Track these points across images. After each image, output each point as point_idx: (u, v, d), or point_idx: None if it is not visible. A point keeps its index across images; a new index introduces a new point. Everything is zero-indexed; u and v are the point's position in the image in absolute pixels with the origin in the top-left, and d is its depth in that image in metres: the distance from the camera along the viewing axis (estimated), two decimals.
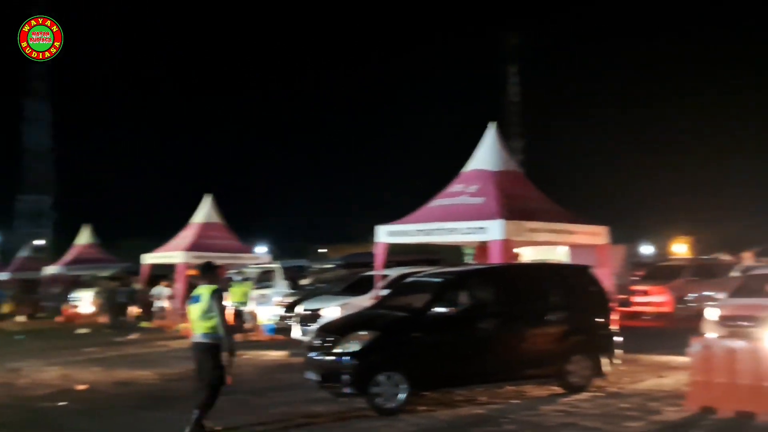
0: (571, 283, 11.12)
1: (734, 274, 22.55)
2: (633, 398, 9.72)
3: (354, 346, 9.03)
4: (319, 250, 54.57)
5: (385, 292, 13.84)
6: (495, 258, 13.22)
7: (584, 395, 9.93)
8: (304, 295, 18.61)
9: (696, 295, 20.97)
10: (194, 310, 8.15)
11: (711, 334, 12.47)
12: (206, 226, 24.36)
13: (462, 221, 13.92)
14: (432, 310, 9.59)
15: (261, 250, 29.88)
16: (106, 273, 27.20)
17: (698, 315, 14.57)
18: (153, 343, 18.08)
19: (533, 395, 10.11)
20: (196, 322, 8.13)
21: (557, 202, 15.61)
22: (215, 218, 24.89)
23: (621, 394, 10.03)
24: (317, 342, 9.64)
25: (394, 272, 15.73)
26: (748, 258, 28.84)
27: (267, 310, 18.85)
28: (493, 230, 13.26)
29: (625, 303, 20.38)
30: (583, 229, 14.90)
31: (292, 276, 23.29)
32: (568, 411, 9.04)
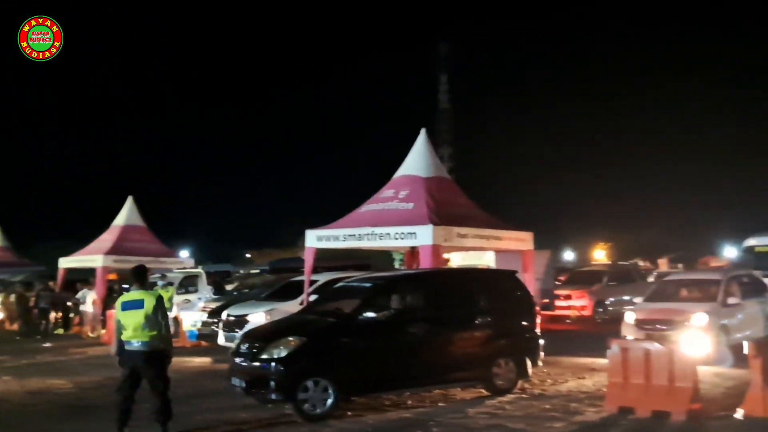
0: (497, 287, 11.33)
1: (650, 279, 23.54)
2: (555, 399, 9.96)
3: (281, 352, 8.92)
4: (246, 255, 53.81)
5: (314, 297, 13.76)
6: (424, 263, 13.34)
7: (509, 397, 10.11)
8: (229, 300, 18.27)
9: (614, 299, 21.75)
10: (134, 317, 7.85)
11: (629, 336, 13.04)
12: (128, 229, 23.62)
13: (392, 226, 13.99)
14: (361, 315, 9.59)
15: (184, 254, 29.12)
16: (18, 278, 26.01)
17: (617, 318, 15.16)
18: (69, 351, 17.36)
19: (460, 398, 10.23)
20: (137, 330, 7.85)
21: (485, 208, 15.91)
22: (137, 221, 24.16)
23: (544, 396, 10.26)
24: (243, 348, 9.47)
25: (322, 277, 15.64)
26: (663, 264, 30.17)
27: (190, 315, 18.41)
28: (423, 235, 13.38)
29: (549, 307, 20.94)
30: (510, 235, 15.23)
31: (217, 281, 22.87)
32: (493, 413, 9.18)
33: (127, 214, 24.03)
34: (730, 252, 28.82)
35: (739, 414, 8.49)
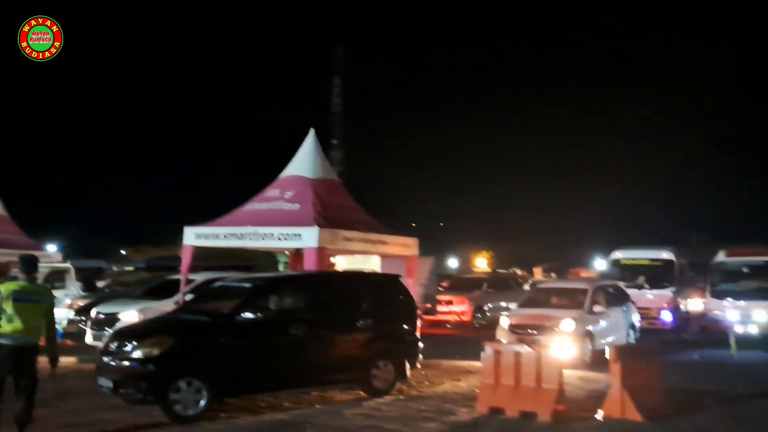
0: (381, 291, 11.43)
1: (526, 287, 24.59)
2: (430, 401, 10.17)
3: (153, 351, 8.60)
4: (121, 252, 51.54)
5: (190, 296, 13.35)
6: (309, 265, 13.22)
7: (386, 398, 10.22)
8: (99, 297, 17.42)
9: (492, 305, 22.53)
10: (33, 310, 7.38)
11: (503, 340, 13.70)
12: None
13: (276, 227, 13.76)
14: (239, 315, 9.39)
15: (52, 248, 27.28)
16: None
17: (495, 323, 15.70)
18: None
19: (337, 399, 10.24)
20: (31, 323, 7.35)
21: (372, 213, 16.00)
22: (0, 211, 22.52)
23: (420, 397, 10.45)
24: (113, 346, 9.05)
25: (200, 277, 15.22)
26: (538, 273, 31.57)
27: (56, 312, 17.34)
28: (308, 237, 13.25)
29: (431, 312, 21.40)
30: (395, 241, 15.38)
31: (88, 277, 21.73)
32: (369, 414, 9.25)
33: None
34: (599, 264, 30.54)
35: (599, 415, 8.98)
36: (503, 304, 21.32)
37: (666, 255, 20.61)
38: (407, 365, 10.91)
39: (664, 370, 9.79)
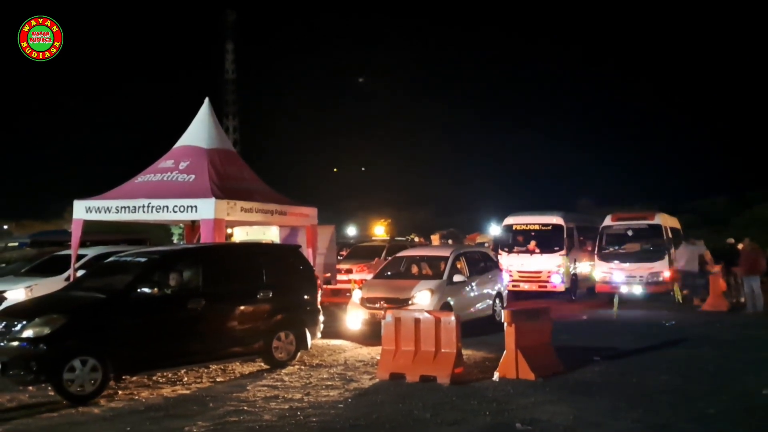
0: (280, 262, 11.37)
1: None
2: (332, 369, 10.30)
3: (44, 330, 8.23)
4: (2, 227, 48.54)
5: (82, 272, 12.81)
6: (206, 237, 12.96)
7: (289, 369, 10.27)
8: None
9: None
10: None
11: (353, 314, 13.13)
12: None
13: (171, 198, 13.37)
14: (134, 291, 9.11)
15: None
16: None
17: None
18: None
19: (239, 372, 10.19)
20: None
21: (269, 183, 15.82)
22: None
23: (322, 366, 10.57)
24: (0, 327, 8.59)
25: (92, 252, 14.62)
26: (435, 239, 32.24)
27: None
28: (205, 209, 12.95)
29: (330, 281, 21.48)
30: (294, 210, 15.29)
31: None
32: (272, 385, 9.26)
33: None
34: (494, 230, 31.56)
35: (495, 377, 9.37)
36: None
37: (556, 219, 20.98)
38: (308, 335, 10.98)
39: (555, 330, 10.31)
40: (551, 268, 20.06)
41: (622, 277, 19.62)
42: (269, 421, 7.47)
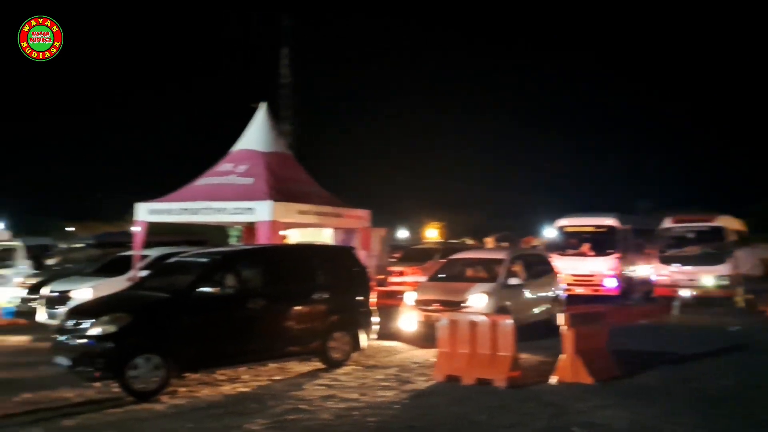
0: (334, 263, 11.52)
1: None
2: (388, 370, 10.36)
3: (110, 328, 8.53)
4: (67, 228, 50.21)
5: (145, 272, 13.21)
6: (262, 239, 13.22)
7: (344, 369, 10.38)
8: (50, 275, 17.08)
9: None
10: None
11: (407, 318, 13.09)
12: None
13: (230, 201, 13.71)
14: (195, 290, 9.36)
15: None
16: None
17: None
18: None
19: (296, 371, 10.35)
20: None
21: (323, 185, 16.02)
22: None
23: (377, 367, 10.64)
24: (69, 324, 8.95)
25: (154, 252, 15.06)
26: (489, 242, 32.02)
27: (7, 291, 17.00)
28: (262, 211, 13.24)
29: (383, 283, 21.56)
30: (348, 213, 15.46)
31: (36, 255, 21.21)
32: (328, 384, 9.38)
33: None
34: (549, 232, 31.18)
35: (552, 380, 9.29)
36: None
37: (609, 221, 20.46)
38: (363, 336, 11.08)
39: (612, 334, 10.16)
40: (604, 271, 19.57)
41: (683, 281, 19.13)
42: (326, 420, 7.58)
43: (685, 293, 18.86)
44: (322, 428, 7.25)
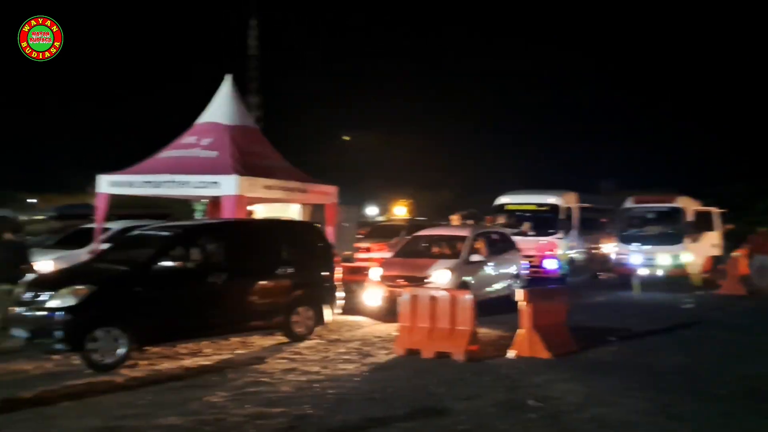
0: (299, 239, 11.57)
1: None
2: (350, 344, 10.48)
3: (69, 301, 8.47)
4: (28, 200, 49.29)
5: (106, 245, 13.08)
6: (227, 213, 13.13)
7: (307, 343, 10.46)
8: None
9: None
10: None
11: (371, 293, 13.24)
12: None
13: (194, 174, 13.56)
14: (156, 264, 9.32)
15: None
16: None
17: None
18: None
19: (259, 345, 10.40)
20: None
21: (291, 160, 15.94)
22: None
23: (340, 341, 10.74)
24: (27, 296, 8.87)
25: (116, 225, 14.90)
26: (455, 220, 32.23)
27: None
28: (227, 185, 13.13)
29: (350, 259, 21.62)
30: (315, 188, 15.41)
31: None
32: (291, 358, 9.46)
33: None
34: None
35: (510, 354, 9.48)
36: None
37: (552, 200, 19.82)
38: (327, 311, 11.15)
39: (570, 310, 10.38)
40: (544, 251, 18.83)
41: (641, 260, 19.52)
42: (287, 392, 7.66)
43: (643, 272, 19.29)
44: (282, 400, 7.32)
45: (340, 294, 11.69)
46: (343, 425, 6.52)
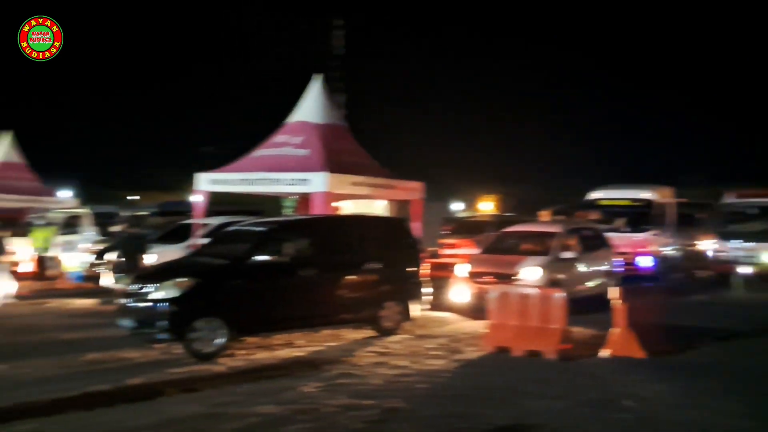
0: (387, 235, 11.70)
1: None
2: (438, 340, 10.53)
3: (172, 292, 8.92)
4: (129, 197, 51.85)
5: (205, 240, 13.66)
6: (317, 209, 13.48)
7: (395, 338, 10.59)
8: (115, 242, 17.77)
9: None
10: None
11: (458, 288, 13.14)
12: (5, 166, 22.30)
13: (286, 172, 14.00)
14: (253, 258, 9.68)
15: (65, 194, 27.64)
16: None
17: None
18: None
19: (349, 338, 10.61)
20: None
21: (377, 157, 16.17)
22: (15, 158, 22.85)
23: (428, 337, 10.81)
24: (134, 288, 9.40)
25: (214, 221, 15.52)
26: (545, 216, 31.68)
27: (74, 257, 17.81)
28: (316, 182, 13.49)
29: (435, 255, 21.62)
30: (401, 185, 15.60)
31: (101, 222, 22.09)
32: (380, 352, 9.61)
33: (5, 150, 22.65)
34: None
35: (603, 353, 9.30)
36: None
37: (647, 195, 18.98)
38: (414, 306, 11.25)
39: (666, 309, 10.08)
40: (638, 249, 17.83)
41: (742, 257, 18.58)
42: (377, 385, 7.80)
43: (744, 270, 18.35)
44: (373, 393, 7.46)
45: (426, 290, 11.77)
46: (433, 420, 6.58)
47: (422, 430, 6.32)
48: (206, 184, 14.82)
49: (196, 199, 15.17)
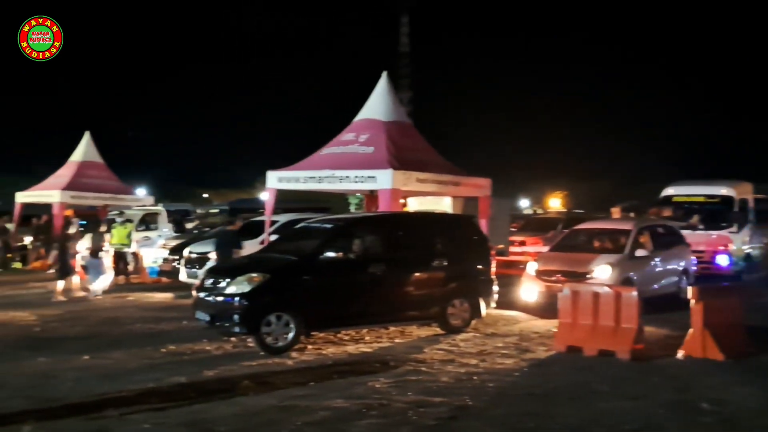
0: (454, 231, 11.65)
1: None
2: (507, 338, 10.42)
3: (245, 287, 9.13)
4: (204, 195, 53.33)
5: (275, 237, 13.90)
6: (383, 206, 13.53)
7: (464, 336, 10.53)
8: (190, 238, 18.31)
9: None
10: None
11: (528, 287, 12.96)
12: (85, 165, 23.26)
13: (352, 169, 14.08)
14: (322, 254, 9.80)
15: (141, 191, 28.76)
16: None
17: None
18: (27, 285, 17.26)
19: (416, 335, 10.62)
20: None
21: (443, 153, 16.09)
22: (95, 157, 23.79)
23: (497, 335, 10.71)
24: (208, 283, 9.66)
25: (283, 218, 15.77)
26: (615, 213, 30.92)
27: (151, 252, 18.43)
28: (383, 179, 13.52)
29: (504, 252, 21.38)
30: (468, 181, 15.48)
31: (177, 219, 22.82)
32: (448, 349, 9.58)
33: (84, 149, 23.62)
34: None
35: (679, 355, 9.03)
36: None
37: (725, 191, 18.24)
38: (483, 304, 11.17)
39: (745, 309, 9.70)
40: (716, 247, 17.22)
41: None
42: (446, 383, 7.78)
43: None
44: (442, 390, 7.46)
45: (495, 288, 11.66)
46: (504, 419, 6.53)
47: (493, 429, 6.28)
48: (276, 181, 15.07)
49: (266, 196, 15.44)
